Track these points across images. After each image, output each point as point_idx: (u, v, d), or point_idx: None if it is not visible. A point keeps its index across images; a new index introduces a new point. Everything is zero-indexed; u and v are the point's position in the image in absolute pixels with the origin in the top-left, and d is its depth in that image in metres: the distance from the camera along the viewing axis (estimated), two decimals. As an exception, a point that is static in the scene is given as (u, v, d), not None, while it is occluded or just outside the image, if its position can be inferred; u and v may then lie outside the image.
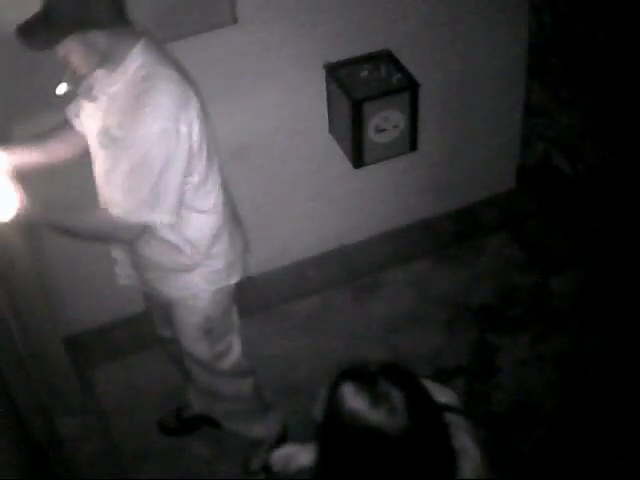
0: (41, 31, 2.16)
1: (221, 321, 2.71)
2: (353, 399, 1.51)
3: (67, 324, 3.36)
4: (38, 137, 2.56)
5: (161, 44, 2.38)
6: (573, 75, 3.51)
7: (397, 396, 1.50)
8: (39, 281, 2.99)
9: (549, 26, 3.51)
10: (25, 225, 2.39)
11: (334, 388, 1.55)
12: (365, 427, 1.49)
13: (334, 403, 1.53)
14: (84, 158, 2.50)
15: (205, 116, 2.40)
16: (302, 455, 2.09)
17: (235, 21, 3.02)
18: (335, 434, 1.55)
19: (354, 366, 1.58)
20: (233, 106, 3.22)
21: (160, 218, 2.32)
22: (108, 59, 2.25)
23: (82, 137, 2.50)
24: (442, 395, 1.74)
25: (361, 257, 3.82)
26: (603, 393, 3.18)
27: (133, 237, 2.38)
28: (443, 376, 3.33)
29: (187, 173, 2.35)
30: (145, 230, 2.37)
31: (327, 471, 1.60)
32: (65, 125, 2.55)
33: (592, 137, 3.55)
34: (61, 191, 2.65)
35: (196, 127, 2.31)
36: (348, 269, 3.77)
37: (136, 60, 2.26)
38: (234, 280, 2.65)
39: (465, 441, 1.67)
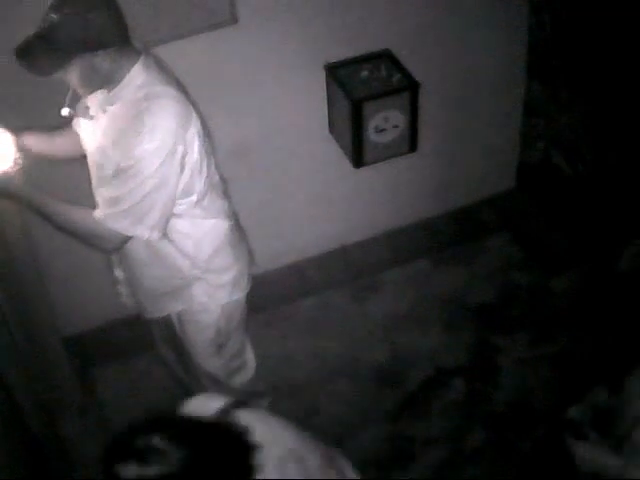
0: (43, 54, 2.09)
1: (234, 336, 2.71)
2: (125, 471, 1.55)
3: (67, 324, 3.36)
4: (46, 129, 2.54)
5: (161, 61, 2.35)
6: (573, 75, 3.51)
7: (157, 442, 1.55)
8: (39, 281, 2.99)
9: (549, 26, 3.50)
10: (6, 196, 2.31)
11: (107, 473, 1.58)
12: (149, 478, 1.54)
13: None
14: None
15: (206, 133, 2.37)
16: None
17: (235, 21, 3.02)
18: None
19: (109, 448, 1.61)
20: (233, 106, 3.22)
21: (141, 233, 2.27)
22: (110, 79, 2.22)
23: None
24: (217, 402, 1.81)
25: (361, 257, 3.82)
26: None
27: (107, 246, 2.32)
28: (443, 376, 3.34)
29: (185, 194, 2.32)
30: (123, 243, 2.33)
31: None
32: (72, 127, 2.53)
33: (592, 137, 3.55)
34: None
35: (196, 147, 2.28)
36: (348, 269, 3.77)
37: (136, 79, 2.22)
38: (236, 296, 2.62)
39: (263, 431, 1.72)
